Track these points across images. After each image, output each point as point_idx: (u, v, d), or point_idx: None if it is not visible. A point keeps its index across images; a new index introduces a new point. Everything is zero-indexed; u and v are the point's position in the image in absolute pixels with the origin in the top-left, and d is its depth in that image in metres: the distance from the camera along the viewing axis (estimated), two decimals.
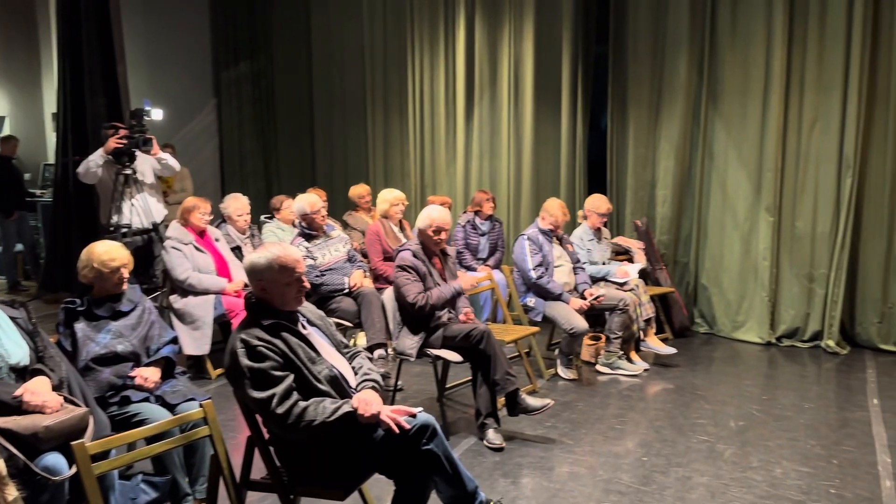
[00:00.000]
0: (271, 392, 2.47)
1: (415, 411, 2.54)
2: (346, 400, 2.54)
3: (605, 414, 4.39)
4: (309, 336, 2.67)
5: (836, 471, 3.57)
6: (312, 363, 2.59)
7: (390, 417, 2.48)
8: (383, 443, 2.51)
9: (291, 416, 2.45)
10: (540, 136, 6.85)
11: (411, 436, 2.50)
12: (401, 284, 3.96)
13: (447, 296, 3.98)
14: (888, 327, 5.60)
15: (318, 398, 2.53)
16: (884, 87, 5.43)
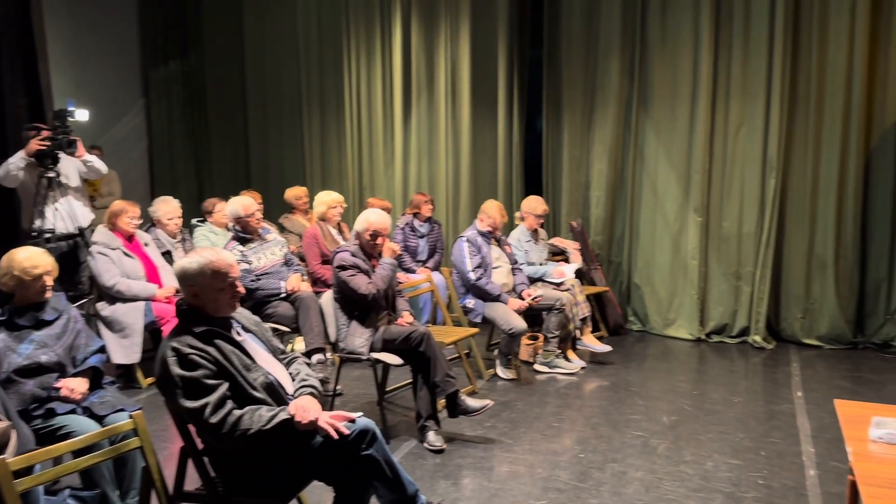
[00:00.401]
0: (204, 401, 2.40)
1: (354, 416, 2.52)
2: (282, 407, 2.50)
3: (544, 412, 4.45)
4: (243, 343, 2.61)
5: (763, 462, 3.71)
6: (247, 370, 2.54)
7: (329, 423, 2.45)
8: (322, 449, 2.48)
9: (226, 426, 2.40)
10: (477, 138, 6.90)
11: (350, 441, 2.47)
12: (348, 281, 3.93)
13: (387, 273, 4.03)
14: (811, 322, 5.86)
15: (254, 406, 2.47)
16: (804, 93, 5.69)
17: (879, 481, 2.18)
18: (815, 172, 5.70)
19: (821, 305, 5.77)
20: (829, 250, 5.68)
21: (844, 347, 5.72)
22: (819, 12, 5.54)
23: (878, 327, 5.67)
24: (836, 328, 5.72)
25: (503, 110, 6.69)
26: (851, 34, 5.44)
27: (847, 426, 2.60)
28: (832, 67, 5.55)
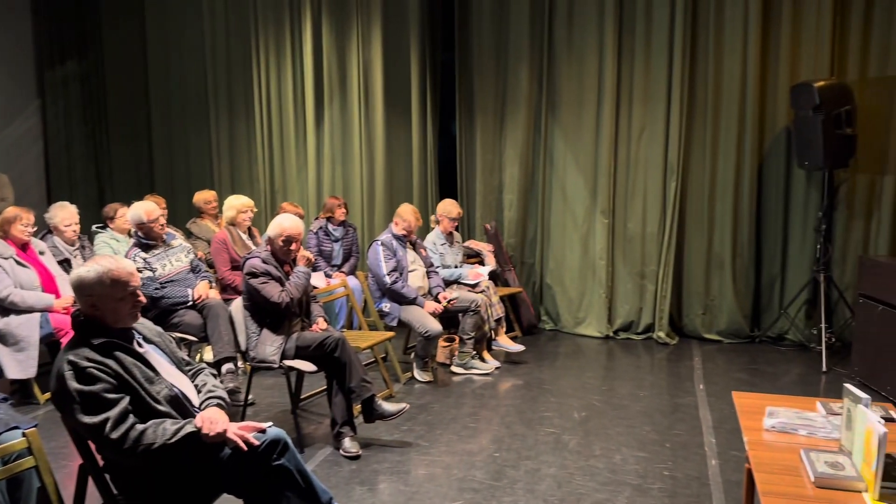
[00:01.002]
0: (104, 416, 2.30)
1: (264, 426, 2.47)
2: (188, 420, 2.42)
3: (460, 413, 4.49)
4: (146, 354, 2.51)
5: (668, 454, 3.87)
6: (150, 383, 2.44)
7: (237, 434, 2.39)
8: (231, 461, 2.41)
9: (128, 441, 2.30)
10: (392, 142, 6.89)
11: (261, 452, 2.42)
12: (259, 289, 3.84)
13: (302, 281, 3.97)
14: (711, 318, 6.15)
15: (158, 420, 2.38)
16: (702, 100, 5.98)
17: (772, 468, 2.32)
18: (713, 175, 6.00)
19: (720, 302, 6.07)
20: (727, 249, 5.98)
21: (742, 341, 6.04)
22: (715, 24, 5.84)
23: (772, 321, 6.01)
24: (735, 323, 6.04)
25: (417, 113, 6.71)
26: (745, 44, 5.76)
27: (743, 417, 2.74)
28: (727, 76, 5.86)
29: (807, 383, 5.02)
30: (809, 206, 5.79)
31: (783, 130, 5.85)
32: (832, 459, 2.28)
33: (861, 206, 5.69)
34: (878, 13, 5.50)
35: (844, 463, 2.25)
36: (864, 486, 2.13)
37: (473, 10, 6.49)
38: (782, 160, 5.87)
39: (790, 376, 5.19)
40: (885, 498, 2.07)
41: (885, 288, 4.67)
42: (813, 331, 5.69)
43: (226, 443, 2.39)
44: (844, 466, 2.23)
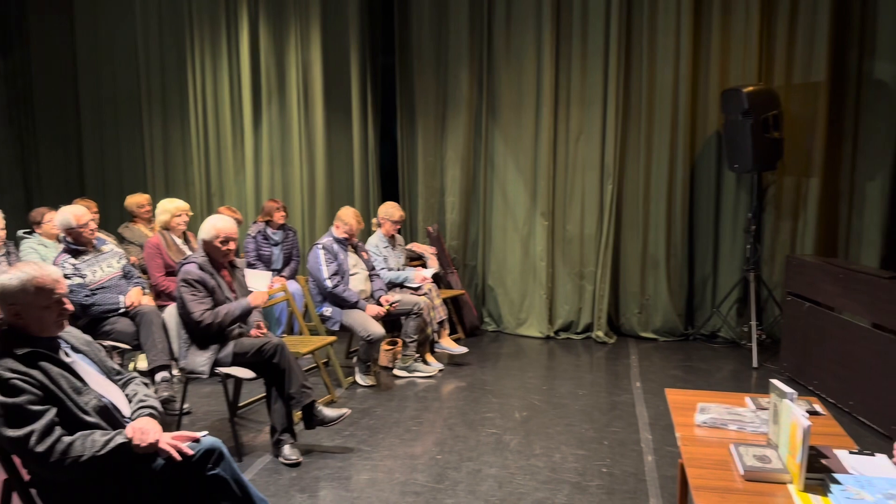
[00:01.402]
0: (29, 429, 2.21)
1: (198, 435, 2.41)
2: (118, 430, 2.34)
3: (403, 417, 4.47)
4: (73, 364, 2.42)
5: (606, 451, 3.94)
6: (78, 394, 2.35)
7: (170, 444, 2.33)
8: (164, 472, 2.35)
9: (55, 454, 2.21)
10: (333, 144, 6.83)
11: (195, 462, 2.36)
12: (186, 301, 3.74)
13: (236, 314, 3.83)
14: (647, 317, 6.31)
15: (87, 431, 2.30)
16: (636, 104, 6.12)
17: (703, 462, 2.39)
18: (647, 178, 6.16)
19: (655, 301, 6.23)
20: (661, 250, 6.14)
21: (677, 339, 6.21)
22: (648, 30, 5.99)
23: (705, 320, 6.20)
24: (669, 322, 6.20)
25: (358, 116, 6.67)
26: (677, 51, 5.93)
27: (676, 413, 2.82)
28: (660, 81, 6.02)
29: (739, 379, 5.19)
30: (739, 207, 6.00)
31: (714, 134, 6.04)
32: (760, 453, 2.36)
33: (788, 207, 5.92)
34: (801, 22, 5.74)
35: (772, 456, 2.34)
36: (790, 478, 2.21)
37: (413, 13, 6.49)
38: (713, 163, 6.07)
39: (723, 373, 5.36)
40: (810, 489, 2.16)
41: (812, 286, 4.87)
42: (744, 328, 5.89)
43: (158, 453, 2.33)
44: (771, 459, 2.31)
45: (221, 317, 3.76)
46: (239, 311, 3.83)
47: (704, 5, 5.91)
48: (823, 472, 2.23)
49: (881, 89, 5.67)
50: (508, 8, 6.27)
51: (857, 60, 5.71)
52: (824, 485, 2.17)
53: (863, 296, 4.30)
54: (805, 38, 5.74)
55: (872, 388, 4.17)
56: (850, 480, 2.17)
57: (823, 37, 5.65)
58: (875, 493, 2.08)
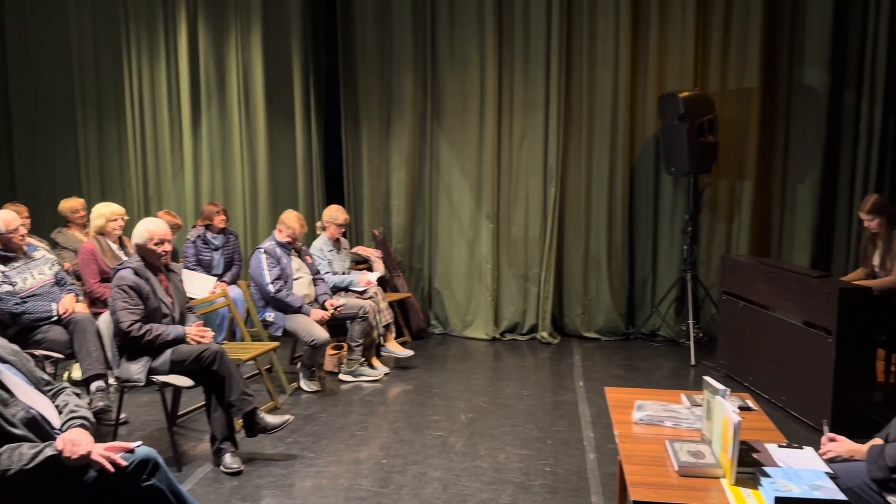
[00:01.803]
0: None
1: (132, 446, 2.34)
2: (48, 443, 2.26)
3: (348, 422, 4.44)
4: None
5: (550, 450, 3.99)
6: (4, 405, 2.26)
7: (103, 456, 2.26)
8: (96, 485, 2.27)
9: None
10: (275, 146, 6.74)
11: (129, 473, 2.29)
12: (116, 308, 3.64)
13: (168, 338, 3.72)
14: (589, 317, 6.42)
15: (14, 444, 2.21)
16: (577, 109, 6.23)
17: (640, 459, 2.44)
18: (589, 181, 6.27)
19: (597, 301, 6.35)
20: (603, 251, 6.26)
21: (619, 338, 6.34)
22: (588, 37, 6.11)
23: (645, 319, 6.34)
24: (611, 321, 6.32)
25: (301, 118, 6.60)
26: (616, 57, 6.06)
27: (615, 411, 2.88)
28: (600, 86, 6.14)
29: (677, 376, 5.33)
30: (677, 209, 6.16)
31: (652, 138, 6.19)
32: (694, 448, 2.43)
33: (723, 209, 6.11)
34: (734, 30, 5.94)
35: (705, 451, 2.41)
36: (723, 473, 2.28)
37: (356, 15, 6.47)
38: (651, 166, 6.22)
39: (662, 370, 5.49)
40: (741, 482, 2.23)
41: (746, 285, 5.03)
42: (682, 327, 6.05)
43: (90, 466, 2.25)
44: (705, 455, 2.38)
45: (152, 335, 3.67)
46: (171, 337, 3.74)
47: (642, 13, 6.05)
48: (754, 466, 2.31)
49: (810, 94, 5.92)
50: (451, 12, 6.30)
51: (787, 67, 5.94)
52: (755, 478, 2.24)
53: (794, 294, 4.47)
54: (738, 45, 5.94)
55: (803, 384, 4.33)
56: (778, 473, 2.25)
57: (756, 44, 5.86)
58: (802, 485, 2.17)
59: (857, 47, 5.85)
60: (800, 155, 6.00)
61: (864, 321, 4.04)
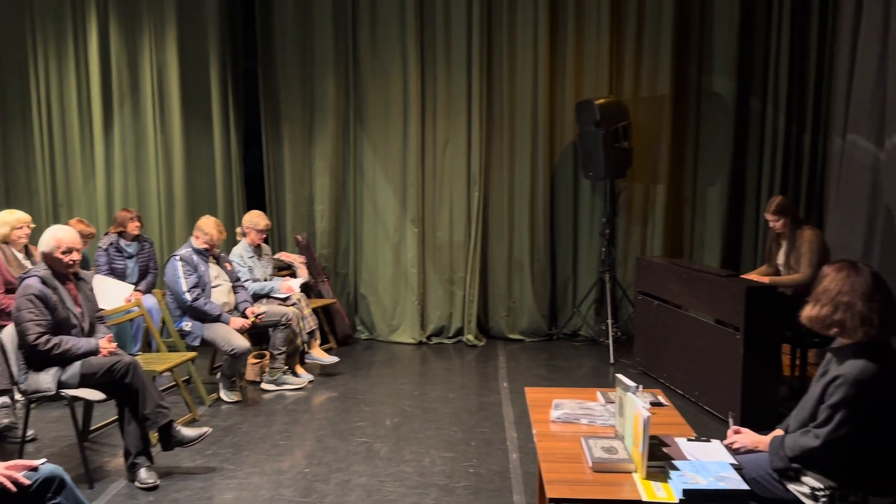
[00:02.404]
0: None
1: (36, 463, 2.24)
2: None
3: (270, 432, 4.36)
4: None
5: (474, 451, 4.03)
6: None
7: (3, 475, 2.15)
8: None
9: None
10: (192, 150, 6.56)
11: (33, 492, 2.20)
12: (22, 319, 3.47)
13: (79, 351, 3.57)
14: (514, 319, 6.52)
15: None
16: (499, 115, 6.33)
17: (556, 456, 2.50)
18: (511, 186, 6.38)
19: (521, 303, 6.46)
20: (525, 254, 6.38)
21: (542, 339, 6.47)
22: (508, 45, 6.22)
23: (567, 319, 6.49)
24: (535, 323, 6.44)
25: (219, 121, 6.44)
26: (535, 64, 6.19)
27: (533, 410, 2.94)
28: (520, 93, 6.26)
29: (597, 375, 5.48)
30: (595, 212, 6.34)
31: (571, 144, 6.36)
32: (608, 444, 2.50)
33: (638, 212, 6.33)
34: (647, 40, 6.17)
35: (618, 447, 2.49)
36: (634, 467, 2.36)
37: (275, 17, 6.38)
38: (570, 171, 6.38)
39: (583, 369, 5.63)
40: (652, 476, 2.31)
41: (660, 285, 5.22)
42: (602, 326, 6.22)
43: None
44: (618, 450, 2.46)
45: (61, 349, 3.51)
46: (83, 350, 3.59)
47: (559, 23, 6.21)
48: (664, 460, 2.40)
49: (718, 102, 6.20)
50: (373, 17, 6.29)
51: (696, 75, 6.21)
52: (664, 472, 2.33)
53: (704, 293, 4.66)
54: (650, 54, 6.17)
55: (714, 379, 4.53)
56: (687, 466, 2.34)
57: (667, 54, 6.11)
58: (708, 477, 2.26)
59: (761, 57, 6.19)
60: (709, 160, 6.28)
61: (770, 318, 4.25)
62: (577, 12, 6.17)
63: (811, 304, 2.45)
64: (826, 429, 2.29)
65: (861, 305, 2.32)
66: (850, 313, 2.33)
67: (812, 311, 2.43)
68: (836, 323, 2.36)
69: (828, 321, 2.38)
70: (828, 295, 2.38)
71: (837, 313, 2.35)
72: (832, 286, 2.38)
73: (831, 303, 2.37)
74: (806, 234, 4.72)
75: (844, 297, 2.35)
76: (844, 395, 2.26)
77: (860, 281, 2.35)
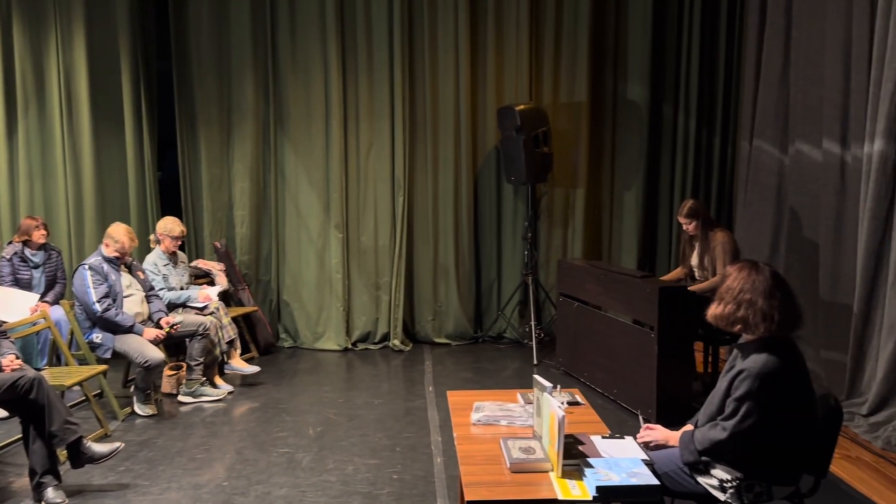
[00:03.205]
0: None
1: None
2: None
3: (187, 445, 4.22)
4: None
5: (398, 457, 4.02)
6: None
7: None
8: None
9: None
10: (102, 154, 6.27)
11: None
12: None
13: None
14: (440, 323, 6.54)
15: None
16: (422, 119, 6.34)
17: (476, 459, 2.52)
18: (435, 190, 6.40)
19: (447, 307, 6.48)
20: (451, 258, 6.41)
21: (468, 342, 6.51)
22: (429, 49, 6.24)
23: (492, 322, 6.55)
24: (460, 326, 6.48)
25: (131, 124, 6.18)
26: (456, 69, 6.24)
27: (455, 414, 2.95)
28: (443, 98, 6.30)
29: (521, 376, 5.55)
30: (518, 216, 6.44)
31: (493, 149, 6.43)
32: (525, 445, 2.53)
33: (559, 215, 6.46)
34: (565, 47, 6.32)
35: (535, 447, 2.52)
36: (551, 466, 2.40)
37: (190, 15, 6.19)
38: (493, 175, 6.46)
39: (508, 371, 5.70)
40: (567, 475, 2.35)
41: (580, 287, 5.34)
42: (525, 328, 6.31)
43: None
44: (535, 450, 2.49)
45: None
46: None
47: (480, 27, 6.28)
48: (579, 458, 2.45)
49: (633, 108, 6.41)
50: (292, 17, 6.20)
51: (612, 83, 6.41)
52: (579, 470, 2.38)
53: (621, 294, 4.79)
54: (568, 61, 6.32)
55: (632, 377, 4.66)
56: (600, 463, 2.40)
57: (584, 61, 6.27)
58: (621, 473, 2.32)
59: (673, 66, 6.44)
60: (625, 165, 6.48)
61: (682, 317, 4.41)
62: (496, 18, 6.25)
63: (716, 303, 2.54)
64: (732, 421, 2.39)
65: (762, 303, 2.42)
66: (752, 310, 2.43)
67: (717, 309, 2.52)
68: (740, 320, 2.46)
69: (731, 318, 2.47)
70: (731, 293, 2.48)
71: (740, 311, 2.45)
72: (734, 285, 2.48)
73: (734, 301, 2.46)
74: (718, 237, 4.90)
75: (746, 295, 2.45)
76: (749, 389, 2.36)
77: (760, 279, 2.46)
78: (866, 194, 4.23)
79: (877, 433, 3.99)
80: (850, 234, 4.55)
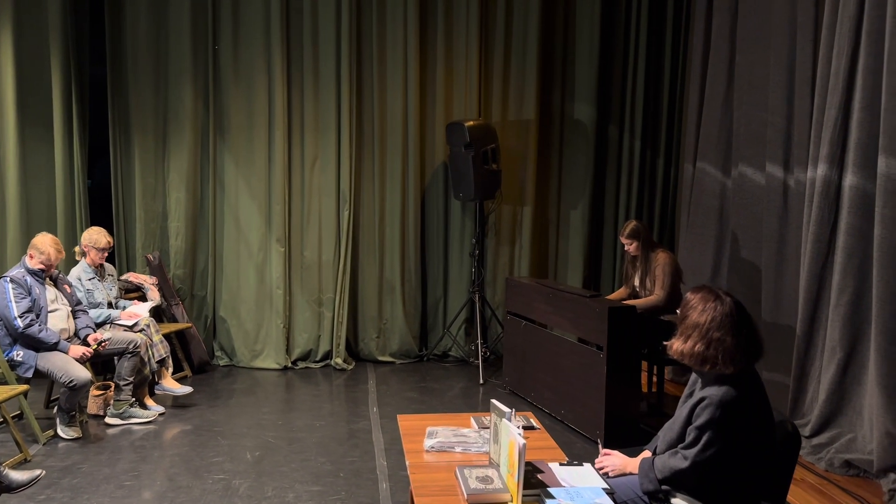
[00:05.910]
0: None
1: None
2: None
3: (115, 471, 3.95)
4: None
5: (342, 483, 3.85)
6: None
7: None
8: None
9: None
10: (28, 160, 5.90)
11: None
12: None
13: None
14: (384, 341, 6.39)
15: None
16: (369, 133, 6.22)
17: (431, 489, 2.39)
18: (382, 205, 6.27)
19: (391, 325, 6.34)
20: (396, 275, 6.28)
21: (413, 361, 6.37)
22: (378, 62, 6.14)
23: (438, 340, 6.44)
24: (405, 344, 6.34)
25: (61, 130, 5.84)
26: (405, 84, 6.15)
27: (406, 439, 2.82)
28: (391, 112, 6.20)
29: (468, 396, 5.45)
30: (465, 233, 6.37)
31: (441, 164, 6.36)
32: (483, 474, 2.43)
33: (506, 233, 6.43)
34: (514, 65, 6.33)
35: (493, 476, 2.42)
36: (510, 497, 2.30)
37: (127, 19, 5.92)
38: (441, 191, 6.38)
39: (454, 391, 5.59)
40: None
41: (527, 305, 5.29)
42: (472, 347, 6.23)
43: None
44: (493, 479, 2.39)
45: None
46: None
47: (429, 42, 6.22)
48: (539, 488, 2.35)
49: (579, 128, 6.45)
50: (235, 23, 6.00)
51: (560, 102, 6.45)
52: (540, 500, 2.28)
53: (569, 313, 4.76)
54: (517, 79, 6.33)
55: (580, 398, 4.61)
56: (561, 494, 2.31)
57: (532, 80, 6.28)
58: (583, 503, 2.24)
59: (619, 87, 6.53)
60: (572, 183, 6.51)
61: (629, 337, 4.40)
62: (446, 34, 6.21)
63: (680, 338, 2.43)
64: (694, 450, 2.33)
65: (730, 341, 2.33)
66: (721, 349, 2.32)
67: (684, 346, 2.40)
68: (710, 359, 2.34)
69: (700, 357, 2.36)
70: (698, 330, 2.37)
71: (710, 350, 2.34)
72: (701, 320, 2.37)
73: (703, 339, 2.35)
74: (660, 258, 4.94)
75: (716, 334, 2.34)
76: (710, 417, 2.31)
77: (726, 313, 2.36)
78: (809, 218, 4.32)
79: (819, 455, 4.05)
80: (793, 256, 4.64)
